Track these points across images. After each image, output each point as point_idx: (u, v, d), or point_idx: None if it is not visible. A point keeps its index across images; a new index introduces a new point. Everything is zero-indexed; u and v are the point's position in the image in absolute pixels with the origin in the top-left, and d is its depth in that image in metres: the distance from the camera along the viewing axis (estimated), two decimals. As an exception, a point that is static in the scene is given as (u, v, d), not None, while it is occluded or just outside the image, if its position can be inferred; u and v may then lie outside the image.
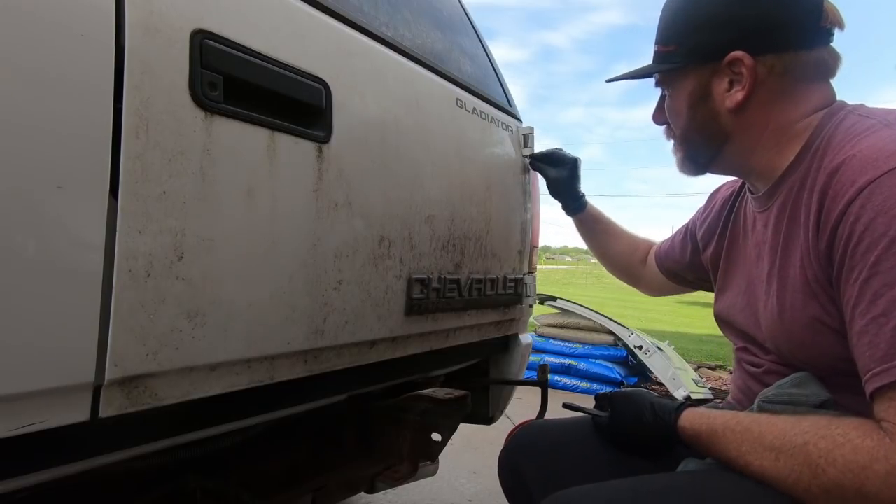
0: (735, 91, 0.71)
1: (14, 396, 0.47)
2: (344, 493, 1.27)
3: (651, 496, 0.63)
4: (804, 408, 0.62)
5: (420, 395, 1.05)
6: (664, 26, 0.77)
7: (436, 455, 1.15)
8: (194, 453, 0.81)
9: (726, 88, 0.71)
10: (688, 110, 0.76)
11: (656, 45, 0.78)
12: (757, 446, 0.60)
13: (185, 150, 0.57)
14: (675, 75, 0.76)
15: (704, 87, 0.73)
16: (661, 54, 0.77)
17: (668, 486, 0.65)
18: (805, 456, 0.55)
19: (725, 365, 5.03)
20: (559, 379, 3.76)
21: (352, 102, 0.78)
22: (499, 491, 0.97)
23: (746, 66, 0.69)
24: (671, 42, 0.75)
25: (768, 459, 0.59)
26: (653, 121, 0.84)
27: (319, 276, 0.74)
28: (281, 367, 0.71)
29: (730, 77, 0.71)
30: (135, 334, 0.54)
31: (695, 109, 0.75)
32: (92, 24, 0.50)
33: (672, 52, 0.75)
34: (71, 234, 0.49)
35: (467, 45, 1.23)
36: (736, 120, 0.72)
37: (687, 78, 0.75)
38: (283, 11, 0.70)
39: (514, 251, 1.23)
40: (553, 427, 0.94)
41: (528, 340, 1.39)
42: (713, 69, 0.72)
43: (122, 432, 0.58)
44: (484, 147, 1.10)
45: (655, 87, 0.82)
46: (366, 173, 0.81)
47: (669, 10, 0.76)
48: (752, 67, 0.69)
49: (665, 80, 0.79)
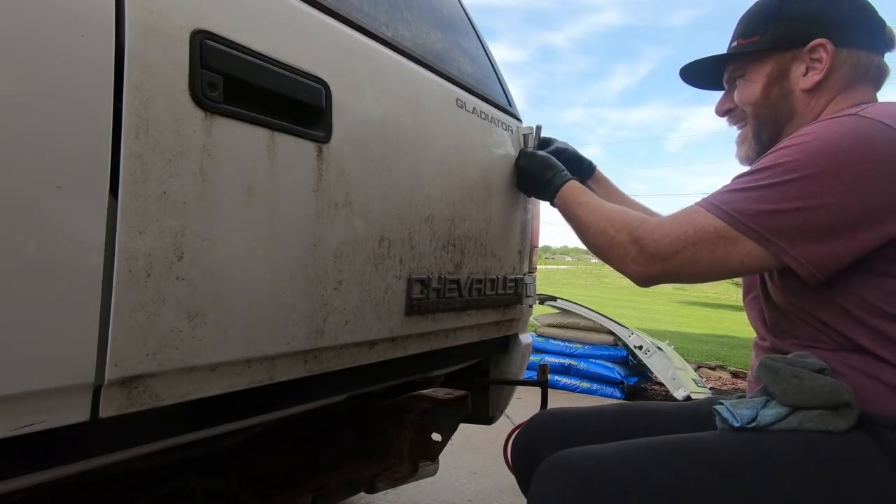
0: (812, 74, 0.83)
1: (14, 396, 0.47)
2: (344, 493, 1.27)
3: (645, 451, 0.71)
4: (804, 370, 0.71)
5: (420, 395, 1.05)
6: (747, 21, 0.89)
7: (436, 455, 1.15)
8: (194, 453, 0.81)
9: (803, 72, 0.84)
10: (763, 89, 0.87)
11: (735, 39, 0.91)
12: (598, 216, 0.91)
13: (185, 150, 0.57)
14: (755, 61, 0.88)
15: (783, 70, 0.85)
16: (742, 46, 0.89)
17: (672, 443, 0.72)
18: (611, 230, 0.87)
19: (725, 365, 5.03)
20: (559, 379, 3.76)
21: (352, 102, 0.78)
22: (499, 491, 0.97)
23: (827, 51, 0.81)
24: (755, 33, 0.87)
25: (595, 228, 0.90)
26: (716, 112, 0.97)
27: (319, 276, 0.74)
28: (281, 367, 0.71)
29: (807, 64, 0.83)
30: (135, 334, 0.54)
31: (770, 88, 0.86)
32: (92, 24, 0.50)
33: (755, 41, 0.87)
34: (71, 234, 0.49)
35: (467, 44, 1.23)
36: (804, 99, 0.84)
37: (766, 63, 0.86)
38: (283, 11, 0.70)
39: (514, 251, 1.23)
40: (569, 415, 0.99)
41: (528, 340, 1.39)
42: (794, 55, 0.84)
43: (122, 432, 0.58)
44: (484, 147, 1.10)
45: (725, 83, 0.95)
46: (366, 173, 0.81)
47: (758, 7, 0.90)
48: (832, 54, 0.81)
49: (742, 67, 0.90)
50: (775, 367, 0.73)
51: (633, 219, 0.86)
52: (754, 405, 0.74)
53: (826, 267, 0.70)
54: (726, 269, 0.75)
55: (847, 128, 0.70)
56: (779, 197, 0.70)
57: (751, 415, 0.73)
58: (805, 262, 0.70)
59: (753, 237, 0.72)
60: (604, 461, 0.69)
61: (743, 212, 0.72)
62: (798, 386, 0.70)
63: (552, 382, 3.56)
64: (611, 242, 0.87)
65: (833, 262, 0.70)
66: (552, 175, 1.06)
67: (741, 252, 0.73)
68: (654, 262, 0.80)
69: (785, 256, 0.71)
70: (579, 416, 0.98)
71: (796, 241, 0.70)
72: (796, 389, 0.70)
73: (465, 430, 1.41)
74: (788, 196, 0.70)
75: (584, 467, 0.69)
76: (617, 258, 0.86)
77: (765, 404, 0.74)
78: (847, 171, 0.68)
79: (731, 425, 0.73)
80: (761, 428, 0.72)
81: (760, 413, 0.72)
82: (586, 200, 0.97)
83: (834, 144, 0.69)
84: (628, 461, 0.69)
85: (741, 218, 0.72)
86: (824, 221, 0.69)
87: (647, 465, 0.69)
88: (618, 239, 0.85)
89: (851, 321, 0.72)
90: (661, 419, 0.93)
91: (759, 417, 0.72)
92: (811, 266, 0.70)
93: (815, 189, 0.69)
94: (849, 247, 0.69)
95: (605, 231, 0.88)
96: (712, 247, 0.74)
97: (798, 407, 0.71)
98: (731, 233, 0.73)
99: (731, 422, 0.73)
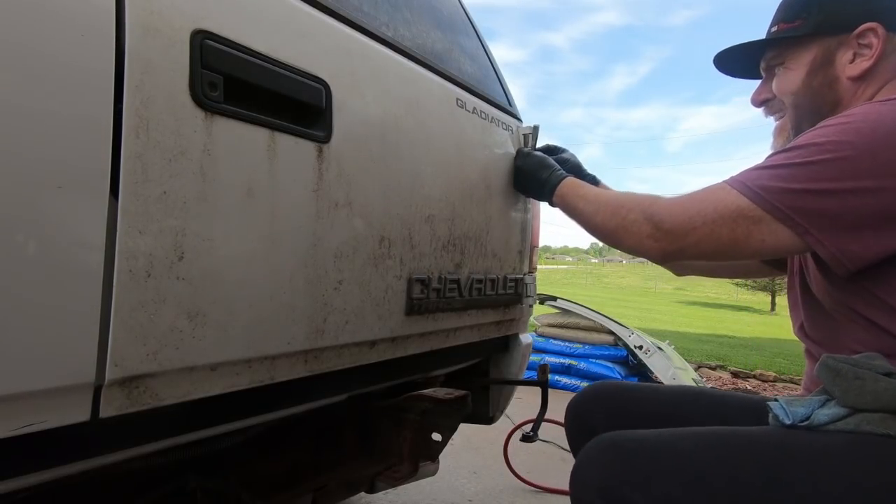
0: (860, 60, 0.78)
1: (14, 396, 0.47)
2: (344, 493, 1.27)
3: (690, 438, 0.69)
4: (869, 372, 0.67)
5: (420, 395, 1.05)
6: (789, 5, 0.84)
7: (436, 455, 1.15)
8: (194, 453, 0.81)
9: (850, 59, 0.78)
10: (805, 77, 0.82)
11: (775, 25, 0.85)
12: (604, 202, 0.89)
13: (185, 150, 0.57)
14: (797, 47, 0.83)
15: (828, 57, 0.80)
16: (783, 31, 0.84)
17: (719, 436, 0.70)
18: (623, 210, 0.84)
19: (726, 365, 5.03)
20: (559, 379, 3.75)
21: (352, 102, 0.78)
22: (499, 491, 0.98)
23: (878, 36, 0.76)
24: (797, 18, 0.82)
25: (603, 213, 0.88)
26: (752, 102, 0.92)
27: (320, 276, 0.74)
28: (281, 367, 0.71)
29: (854, 50, 0.78)
30: (135, 334, 0.54)
31: (813, 76, 0.81)
32: (92, 24, 0.50)
33: (797, 26, 0.82)
34: (71, 234, 0.49)
35: (467, 44, 1.23)
36: (851, 88, 0.79)
37: (809, 49, 0.81)
38: (283, 11, 0.70)
39: (514, 251, 1.23)
40: (632, 386, 1.01)
41: (529, 340, 1.39)
42: (840, 40, 0.79)
43: (123, 432, 0.58)
44: (484, 147, 1.10)
45: (762, 71, 0.90)
46: (366, 173, 0.81)
47: None
48: (884, 39, 0.76)
49: (781, 54, 0.85)
50: (837, 367, 0.68)
51: (643, 198, 0.84)
52: (811, 404, 0.70)
53: (855, 256, 0.66)
54: (747, 249, 0.72)
55: (890, 109, 0.66)
56: (809, 176, 0.67)
57: (805, 413, 0.69)
58: (830, 247, 0.67)
59: (777, 216, 0.69)
60: (647, 444, 0.69)
61: (769, 189, 0.69)
62: (860, 388, 0.66)
63: (552, 382, 3.56)
64: (623, 223, 0.84)
65: (863, 251, 0.66)
66: (548, 174, 1.05)
67: (763, 231, 0.70)
68: (671, 238, 0.77)
69: (809, 238, 0.68)
70: (641, 389, 0.99)
71: (823, 223, 0.66)
72: (858, 391, 0.66)
73: (465, 430, 1.41)
74: (820, 176, 0.66)
75: (627, 447, 0.69)
76: (631, 237, 0.83)
77: (823, 404, 0.70)
78: (885, 154, 0.63)
79: (783, 422, 0.70)
80: (815, 427, 0.68)
81: (816, 412, 0.69)
82: (587, 192, 0.96)
83: (873, 126, 0.65)
84: (672, 446, 0.68)
85: (766, 195, 0.69)
86: (857, 206, 0.65)
87: (690, 452, 0.67)
88: (630, 218, 0.82)
89: None
90: (722, 409, 0.92)
91: (814, 416, 0.69)
92: (838, 252, 0.66)
93: (850, 171, 0.64)
94: (880, 236, 0.65)
95: (615, 212, 0.86)
96: (733, 224, 0.72)
97: (858, 409, 0.66)
98: (755, 211, 0.70)
99: (783, 419, 0.70)
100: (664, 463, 0.66)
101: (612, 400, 0.97)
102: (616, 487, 0.65)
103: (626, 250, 0.87)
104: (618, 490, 0.65)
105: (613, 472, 0.67)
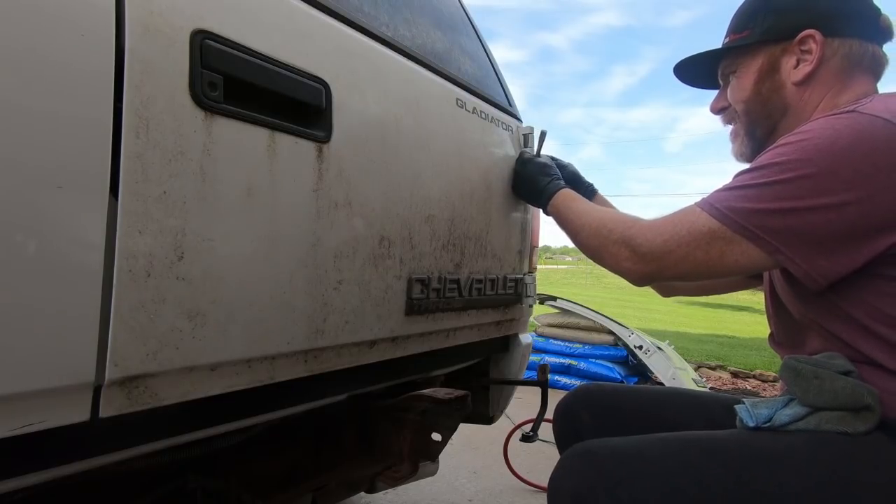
0: (803, 66, 0.81)
1: (14, 396, 0.47)
2: (344, 493, 1.27)
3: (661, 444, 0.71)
4: (827, 371, 0.69)
5: (420, 395, 1.05)
6: (739, 16, 0.89)
7: (436, 455, 1.15)
8: (194, 453, 0.81)
9: (793, 65, 0.83)
10: (754, 84, 0.86)
11: (727, 37, 0.90)
12: (590, 220, 0.92)
13: (185, 150, 0.57)
14: (745, 55, 0.87)
15: (773, 64, 0.84)
16: (734, 41, 0.88)
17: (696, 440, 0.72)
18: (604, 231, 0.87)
19: (725, 365, 5.03)
20: (559, 379, 3.76)
21: (352, 102, 0.78)
22: (499, 491, 0.98)
23: (817, 41, 0.80)
24: (745, 28, 0.87)
25: (587, 231, 0.91)
26: (711, 110, 0.96)
27: (319, 276, 0.74)
28: (281, 366, 0.71)
29: (797, 56, 0.82)
30: (135, 334, 0.54)
31: (762, 83, 0.85)
32: (92, 23, 0.50)
33: (745, 36, 0.87)
34: (71, 234, 0.49)
35: (467, 44, 1.23)
36: (797, 93, 0.83)
37: (756, 57, 0.86)
38: (283, 11, 0.70)
39: (514, 251, 1.23)
40: (616, 387, 1.04)
41: (528, 340, 1.39)
42: (784, 48, 0.83)
43: (123, 432, 0.58)
44: (484, 147, 1.10)
45: (719, 80, 0.94)
46: (366, 173, 0.81)
47: (749, 2, 0.89)
48: (822, 44, 0.80)
49: (733, 62, 0.90)
50: (797, 367, 0.71)
51: (625, 219, 0.86)
52: (774, 405, 0.73)
53: (825, 271, 0.68)
54: (722, 268, 0.74)
55: (845, 124, 0.68)
56: (774, 196, 0.69)
57: (768, 414, 0.72)
58: (802, 264, 0.69)
59: (747, 236, 0.71)
60: (618, 451, 0.70)
61: (737, 210, 0.71)
62: (819, 387, 0.69)
63: (552, 382, 3.56)
64: (604, 243, 0.87)
65: (833, 266, 0.68)
66: (547, 182, 1.07)
67: (736, 251, 0.72)
68: (647, 261, 0.80)
69: (779, 256, 0.70)
70: (626, 392, 1.02)
71: (791, 241, 0.69)
72: (817, 390, 0.69)
73: (465, 430, 1.41)
74: (784, 195, 0.68)
75: (599, 455, 0.70)
76: (610, 258, 0.86)
77: (786, 404, 0.72)
78: (845, 170, 0.65)
79: (746, 425, 0.73)
80: (777, 427, 0.71)
81: (778, 412, 0.72)
82: (578, 207, 0.98)
83: (831, 142, 0.67)
84: (641, 452, 0.70)
85: (735, 217, 0.71)
86: (822, 223, 0.67)
87: (659, 457, 0.69)
88: (611, 239, 0.85)
89: (862, 332, 0.70)
90: (706, 410, 0.94)
91: (776, 417, 0.71)
92: (810, 269, 0.69)
93: (812, 189, 0.67)
94: (848, 251, 0.67)
95: (598, 232, 0.89)
96: (707, 246, 0.74)
97: (818, 408, 0.69)
98: (726, 232, 0.72)
99: (747, 421, 0.73)
100: (634, 468, 0.68)
101: (597, 404, 0.99)
102: (588, 494, 0.67)
103: (609, 269, 0.89)
104: (589, 496, 0.66)
105: (586, 479, 0.68)
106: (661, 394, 1.01)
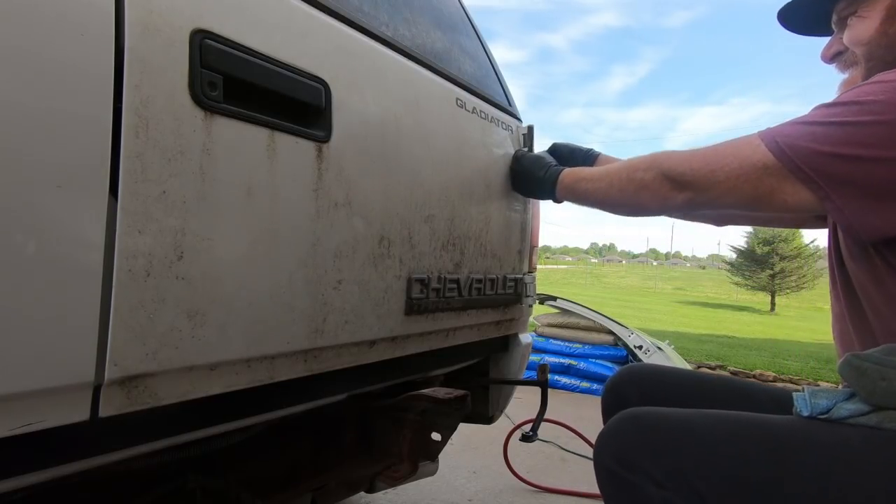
0: None
1: (14, 396, 0.47)
2: (344, 493, 1.27)
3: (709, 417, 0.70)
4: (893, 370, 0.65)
5: (420, 395, 1.05)
6: None
7: (436, 455, 1.15)
8: (194, 453, 0.81)
9: None
10: (880, 25, 0.77)
11: None
12: (614, 173, 0.87)
13: (184, 150, 0.57)
14: None
15: None
16: None
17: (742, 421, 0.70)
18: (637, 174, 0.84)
19: (725, 365, 5.03)
20: (559, 379, 3.76)
21: (352, 102, 0.78)
22: (499, 491, 0.98)
23: None
24: None
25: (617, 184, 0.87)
26: (822, 57, 0.87)
27: (319, 276, 0.74)
28: (281, 366, 0.71)
29: None
30: (134, 334, 0.54)
31: (889, 23, 0.76)
32: (92, 23, 0.50)
33: None
34: (71, 234, 0.49)
35: (467, 44, 1.23)
36: None
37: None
38: (282, 11, 0.70)
39: (514, 251, 1.23)
40: (664, 369, 1.04)
41: (528, 340, 1.39)
42: None
43: (122, 432, 0.58)
44: (484, 146, 1.10)
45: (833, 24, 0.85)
46: (365, 173, 0.81)
47: None
48: None
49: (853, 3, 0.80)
50: (861, 366, 0.66)
51: (655, 156, 0.82)
52: (834, 396, 0.69)
53: (873, 228, 0.64)
54: (771, 204, 0.71)
55: None
56: (842, 139, 0.64)
57: (826, 405, 0.68)
58: (849, 215, 0.64)
59: (801, 178, 0.67)
60: (665, 420, 0.71)
61: (798, 150, 0.67)
62: (885, 389, 0.64)
63: (552, 382, 3.56)
64: (641, 185, 0.83)
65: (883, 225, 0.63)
66: (545, 171, 1.05)
67: (787, 190, 0.69)
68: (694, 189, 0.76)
69: (828, 204, 0.66)
70: (676, 373, 1.02)
71: (847, 191, 0.64)
72: (883, 392, 0.64)
73: (464, 430, 1.41)
74: (852, 140, 0.63)
75: (647, 421, 0.71)
76: (653, 198, 0.82)
77: (847, 398, 0.68)
78: None
79: (800, 413, 0.69)
80: (835, 420, 0.67)
81: (838, 405, 0.67)
82: (590, 173, 0.95)
83: None
84: (688, 424, 0.70)
85: (793, 155, 0.67)
86: (885, 177, 0.62)
87: (705, 431, 0.69)
88: (648, 178, 0.81)
89: None
90: (753, 399, 0.92)
91: (835, 409, 0.67)
92: (855, 222, 0.64)
93: (885, 138, 0.61)
94: None
95: (630, 178, 0.84)
96: (757, 181, 0.71)
97: (881, 407, 0.65)
98: (782, 170, 0.68)
99: (801, 410, 0.69)
100: (679, 438, 0.68)
101: (647, 381, 1.00)
102: (631, 456, 0.68)
103: (651, 211, 0.85)
104: (632, 458, 0.68)
105: (631, 442, 0.69)
106: (708, 378, 1.02)
